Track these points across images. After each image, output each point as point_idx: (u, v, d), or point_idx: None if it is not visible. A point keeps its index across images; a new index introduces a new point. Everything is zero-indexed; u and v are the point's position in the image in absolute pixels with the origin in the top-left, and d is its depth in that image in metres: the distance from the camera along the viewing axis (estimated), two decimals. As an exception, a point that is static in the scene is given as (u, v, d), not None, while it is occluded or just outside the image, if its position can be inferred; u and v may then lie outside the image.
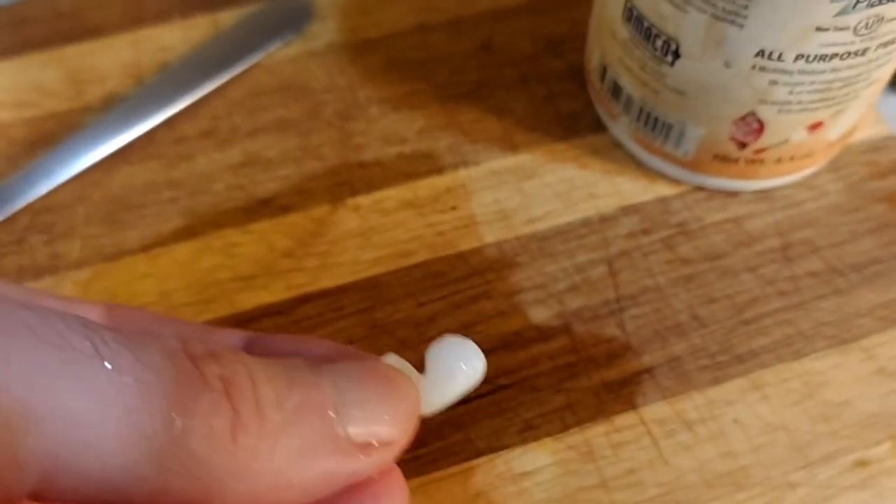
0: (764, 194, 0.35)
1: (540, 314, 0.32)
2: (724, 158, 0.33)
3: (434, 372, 0.23)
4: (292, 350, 0.22)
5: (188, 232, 0.34)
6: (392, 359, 0.23)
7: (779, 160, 0.33)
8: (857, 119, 0.33)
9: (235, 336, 0.23)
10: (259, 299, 0.33)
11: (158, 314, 0.23)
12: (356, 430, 0.18)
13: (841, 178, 0.36)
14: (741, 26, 0.28)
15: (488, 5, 0.41)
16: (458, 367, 0.23)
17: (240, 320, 0.32)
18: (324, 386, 0.18)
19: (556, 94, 0.38)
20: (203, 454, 0.15)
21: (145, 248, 0.34)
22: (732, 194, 0.35)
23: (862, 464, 0.30)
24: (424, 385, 0.22)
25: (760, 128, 0.32)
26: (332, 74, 0.39)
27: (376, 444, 0.18)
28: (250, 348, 0.22)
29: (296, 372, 0.18)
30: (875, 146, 0.37)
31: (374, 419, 0.18)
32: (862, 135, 0.37)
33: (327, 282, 0.33)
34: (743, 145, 0.32)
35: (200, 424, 0.15)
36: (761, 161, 0.33)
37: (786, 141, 0.32)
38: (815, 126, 0.32)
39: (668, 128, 0.33)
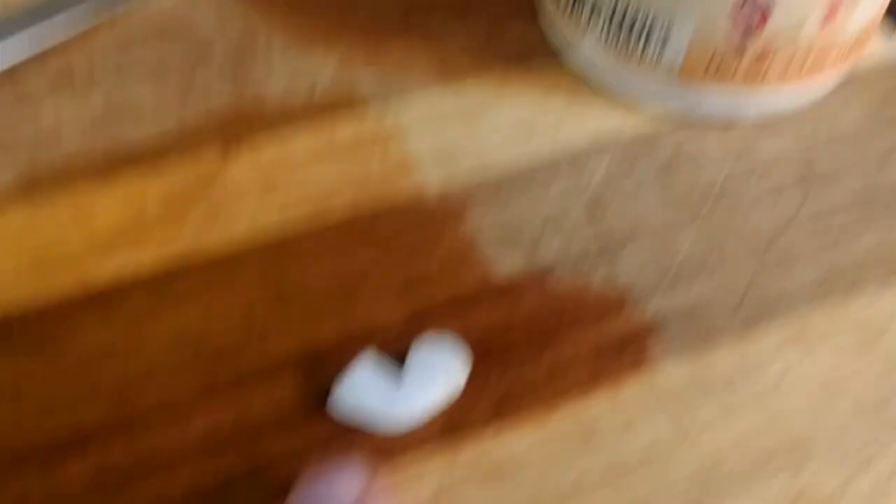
0: (767, 122, 0.29)
1: (504, 268, 0.25)
2: (719, 67, 0.27)
3: (414, 376, 0.22)
4: None
5: (25, 193, 0.26)
6: (366, 369, 0.22)
7: (786, 67, 0.27)
8: (874, 14, 0.27)
9: None
10: (123, 270, 0.24)
11: None
12: None
13: (857, 102, 0.30)
14: None
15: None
16: (439, 369, 0.22)
17: (93, 299, 0.24)
18: None
19: (500, 22, 0.31)
20: None
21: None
22: (729, 123, 0.29)
23: (954, 426, 0.22)
24: (404, 389, 0.22)
25: (764, 15, 0.25)
26: (222, 17, 0.31)
27: None
28: None
29: None
30: (890, 68, 0.31)
31: None
32: (872, 55, 0.31)
33: (215, 246, 0.25)
34: (743, 45, 0.26)
35: None
36: (766, 70, 0.27)
37: (796, 36, 0.25)
38: (830, 15, 0.26)
39: (649, 29, 0.26)
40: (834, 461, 0.21)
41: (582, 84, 0.30)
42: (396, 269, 0.25)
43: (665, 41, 0.26)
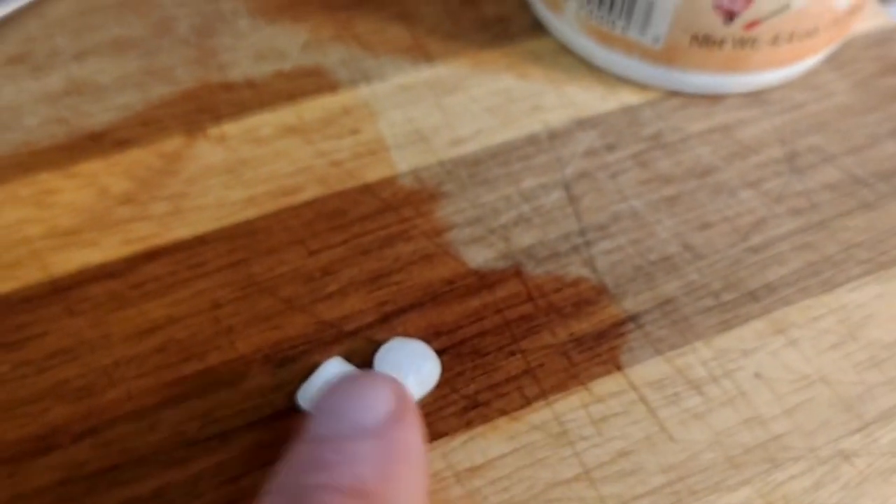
0: (754, 97, 0.28)
1: (479, 255, 0.24)
2: (705, 41, 0.26)
3: None
4: None
5: (-18, 177, 0.26)
6: (334, 363, 0.22)
7: (775, 40, 0.26)
8: (867, -15, 0.27)
9: None
10: (84, 259, 0.24)
11: None
12: None
13: (847, 76, 0.29)
14: None
15: None
16: (409, 372, 0.22)
17: (58, 288, 0.23)
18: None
19: (478, -9, 0.31)
20: None
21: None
22: (715, 99, 0.28)
23: (935, 419, 0.22)
24: None
25: (752, -10, 0.25)
26: (186, -16, 0.31)
27: None
28: None
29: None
30: (880, 39, 0.30)
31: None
32: (863, 28, 0.30)
33: (181, 231, 0.25)
34: (731, 16, 0.25)
35: None
36: (753, 42, 0.26)
37: (786, 7, 0.25)
38: (821, -13, 0.25)
39: (630, 4, 0.26)
40: (812, 457, 0.21)
41: (562, 58, 0.29)
42: (367, 259, 0.24)
43: (647, 17, 0.26)
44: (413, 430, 0.18)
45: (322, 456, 0.17)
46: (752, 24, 0.26)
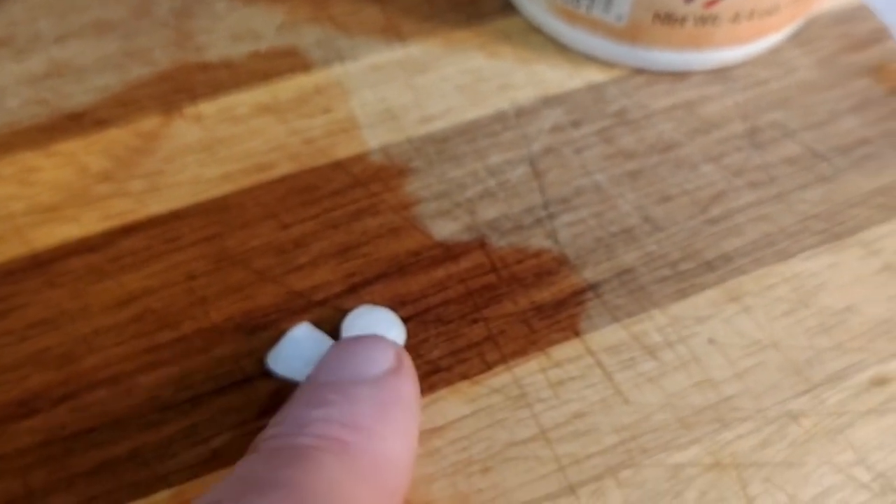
0: (719, 74, 0.30)
1: (444, 228, 0.26)
2: (667, 19, 0.27)
3: None
4: None
5: (-35, 156, 0.27)
6: (304, 328, 0.23)
7: (735, 17, 0.27)
8: (826, -37, 0.28)
9: None
10: (64, 234, 0.25)
11: None
12: None
13: (810, 53, 0.30)
14: None
15: None
16: None
17: (39, 262, 0.25)
18: None
19: (450, -28, 0.32)
20: None
21: None
22: (680, 76, 0.29)
23: (880, 381, 0.23)
24: None
25: (710, -31, 0.26)
26: (165, -32, 0.32)
27: None
28: None
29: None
30: (845, 17, 0.32)
31: None
32: (828, 5, 0.32)
33: (158, 207, 0.26)
34: (689, -5, 0.26)
35: None
36: (714, 20, 0.27)
37: (743, -14, 0.26)
38: (778, -34, 0.26)
39: (593, -17, 0.27)
40: (760, 417, 0.23)
41: (532, 37, 0.30)
42: (337, 232, 0.26)
43: (609, -5, 0.27)
44: (409, 382, 0.20)
45: (324, 395, 0.19)
46: (712, 2, 0.27)
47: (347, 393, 0.19)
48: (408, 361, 0.21)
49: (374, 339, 0.21)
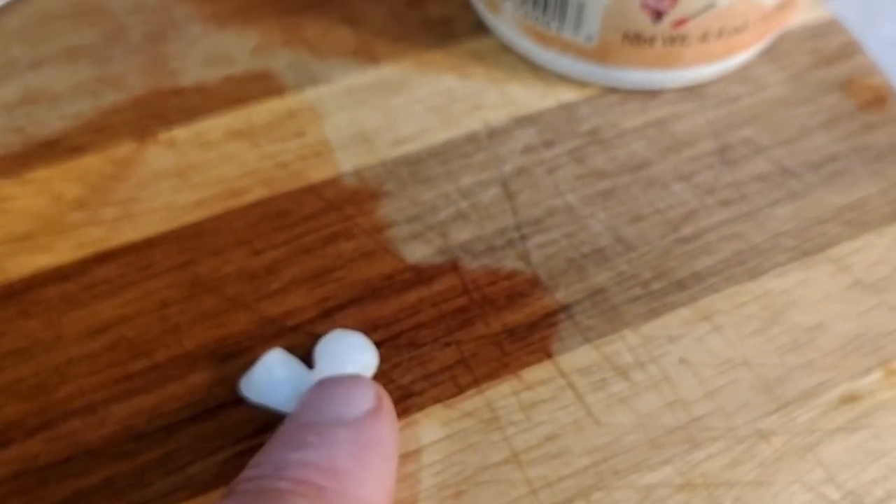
0: (691, 91, 0.30)
1: (417, 251, 0.26)
2: (636, 39, 0.28)
3: (322, 370, 0.23)
4: None
5: (-61, 186, 0.27)
6: (276, 354, 0.23)
7: (704, 37, 0.28)
8: (793, -19, 0.28)
9: None
10: (38, 263, 0.26)
11: None
12: None
13: (781, 69, 0.31)
14: None
15: None
16: (347, 363, 0.23)
17: (13, 291, 0.25)
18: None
19: (422, -6, 0.32)
20: None
21: None
22: (652, 94, 0.30)
23: (850, 399, 0.24)
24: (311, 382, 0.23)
25: (677, -11, 0.26)
26: (139, -7, 0.32)
27: None
28: None
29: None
30: (816, 32, 0.32)
31: None
32: (800, 20, 0.32)
33: (132, 234, 0.26)
34: (658, 15, 0.27)
35: None
36: (683, 39, 0.28)
37: (712, 5, 0.27)
38: (745, -15, 0.27)
39: (562, 5, 0.27)
40: (731, 436, 0.23)
41: (504, 57, 0.31)
42: (310, 257, 0.26)
43: (579, 17, 0.28)
44: (388, 425, 0.21)
45: (303, 437, 0.20)
46: (680, 22, 0.27)
47: (326, 435, 0.20)
48: (388, 401, 0.21)
49: (355, 379, 0.21)
